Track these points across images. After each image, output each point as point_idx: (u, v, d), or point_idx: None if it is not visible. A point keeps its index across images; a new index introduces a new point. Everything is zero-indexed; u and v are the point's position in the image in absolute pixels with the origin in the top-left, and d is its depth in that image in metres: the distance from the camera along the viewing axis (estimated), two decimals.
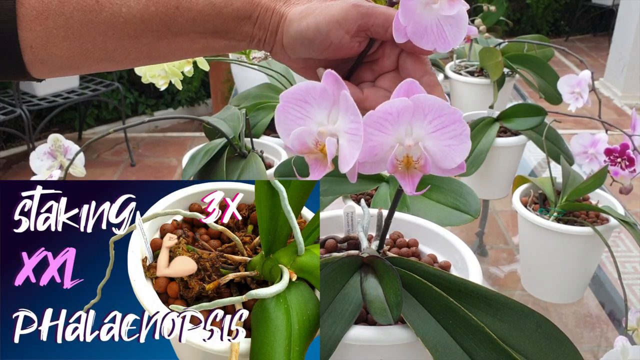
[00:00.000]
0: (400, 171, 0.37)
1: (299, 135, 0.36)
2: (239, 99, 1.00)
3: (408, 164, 0.36)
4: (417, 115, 0.36)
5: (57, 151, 0.72)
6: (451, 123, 0.35)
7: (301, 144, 0.37)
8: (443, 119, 0.35)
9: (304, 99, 0.37)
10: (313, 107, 0.37)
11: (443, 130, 0.35)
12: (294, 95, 0.37)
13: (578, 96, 0.92)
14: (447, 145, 0.35)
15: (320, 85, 0.36)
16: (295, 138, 0.36)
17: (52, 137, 0.72)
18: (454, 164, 0.36)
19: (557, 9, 4.48)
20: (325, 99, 0.37)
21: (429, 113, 0.35)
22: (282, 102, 0.37)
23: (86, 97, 2.39)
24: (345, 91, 0.35)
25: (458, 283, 0.43)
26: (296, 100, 0.37)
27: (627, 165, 0.80)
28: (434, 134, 0.36)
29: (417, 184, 0.36)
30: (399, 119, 0.36)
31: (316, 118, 0.37)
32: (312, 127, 0.37)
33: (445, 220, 0.66)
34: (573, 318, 0.87)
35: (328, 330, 0.42)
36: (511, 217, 1.37)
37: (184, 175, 0.76)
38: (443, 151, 0.36)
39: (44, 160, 0.72)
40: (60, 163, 0.72)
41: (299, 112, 0.37)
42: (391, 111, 0.35)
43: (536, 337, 0.41)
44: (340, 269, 0.45)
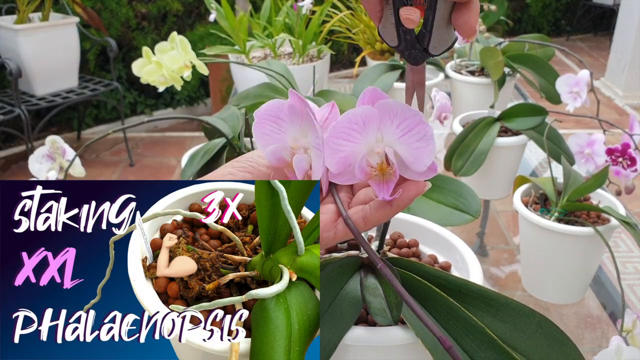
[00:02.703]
0: (375, 178, 0.37)
1: (274, 151, 0.38)
2: (238, 98, 1.00)
3: (382, 170, 0.36)
4: (384, 121, 0.36)
5: (55, 153, 0.72)
6: (416, 125, 0.35)
7: (277, 159, 0.39)
8: (408, 122, 0.35)
9: (276, 115, 0.39)
10: (286, 122, 0.38)
11: (410, 133, 0.35)
12: (267, 112, 0.39)
13: (576, 96, 0.92)
14: (415, 148, 0.36)
15: (288, 103, 0.38)
16: (271, 154, 0.38)
17: (50, 139, 0.72)
18: (424, 166, 0.36)
19: (558, 9, 4.48)
20: (295, 115, 0.38)
21: (395, 117, 0.35)
22: (256, 120, 0.39)
23: (85, 96, 2.39)
24: (308, 107, 0.36)
25: (458, 283, 0.43)
26: (270, 117, 0.39)
27: (628, 165, 0.79)
28: (403, 137, 0.36)
29: (391, 190, 0.36)
30: (366, 127, 0.36)
31: (290, 133, 0.38)
32: (286, 142, 0.38)
33: (445, 220, 0.66)
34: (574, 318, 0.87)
35: (328, 331, 0.41)
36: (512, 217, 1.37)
37: (183, 175, 0.76)
38: (413, 154, 0.36)
39: (43, 163, 0.71)
40: (60, 165, 0.72)
41: (274, 127, 0.39)
42: (356, 120, 0.36)
43: (537, 337, 0.41)
44: (341, 269, 0.45)
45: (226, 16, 1.47)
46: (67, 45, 2.36)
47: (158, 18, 3.03)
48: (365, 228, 0.38)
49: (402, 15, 0.34)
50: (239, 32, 1.46)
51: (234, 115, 0.81)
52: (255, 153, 0.42)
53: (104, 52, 2.82)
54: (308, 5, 1.55)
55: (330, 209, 0.40)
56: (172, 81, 0.82)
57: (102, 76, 2.83)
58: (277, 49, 1.53)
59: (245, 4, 2.32)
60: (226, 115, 0.82)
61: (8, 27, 2.21)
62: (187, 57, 0.82)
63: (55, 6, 2.47)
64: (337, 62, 3.57)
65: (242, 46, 1.49)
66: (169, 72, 0.80)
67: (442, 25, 0.34)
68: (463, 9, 0.33)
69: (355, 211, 0.38)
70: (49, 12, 2.34)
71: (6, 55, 2.26)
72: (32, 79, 2.30)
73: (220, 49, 1.43)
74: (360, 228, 0.38)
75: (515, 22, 4.32)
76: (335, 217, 0.39)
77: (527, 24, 4.40)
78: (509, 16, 4.15)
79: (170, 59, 0.81)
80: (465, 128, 0.99)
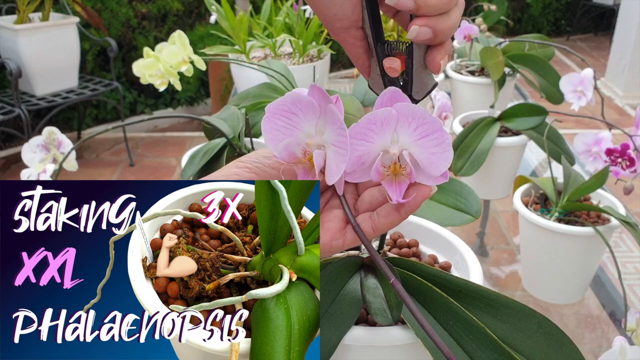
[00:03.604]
0: (387, 179, 0.37)
1: (286, 146, 0.37)
2: (238, 98, 1.00)
3: (395, 171, 0.37)
4: (402, 122, 0.36)
5: (50, 144, 0.71)
6: (434, 131, 0.35)
7: (289, 154, 0.38)
8: (426, 127, 0.36)
9: (290, 110, 0.38)
10: (300, 118, 0.38)
11: (427, 137, 0.36)
12: (281, 106, 0.38)
13: (581, 94, 0.92)
14: (432, 153, 0.36)
15: (307, 98, 0.37)
16: (283, 149, 0.37)
17: (47, 130, 0.71)
18: (438, 172, 0.36)
19: (558, 9, 4.48)
20: (311, 110, 0.37)
21: (413, 121, 0.36)
22: (268, 113, 0.38)
23: (85, 96, 2.39)
24: (332, 105, 0.36)
25: (459, 283, 0.43)
26: (283, 112, 0.38)
27: (627, 166, 0.79)
28: (419, 141, 0.36)
29: (403, 192, 0.36)
30: (383, 128, 0.36)
31: (303, 129, 0.38)
32: (300, 138, 0.38)
33: (446, 220, 0.66)
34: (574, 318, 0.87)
35: (328, 331, 0.41)
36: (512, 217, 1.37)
37: (184, 175, 0.76)
38: (429, 159, 0.36)
39: (37, 153, 0.70)
40: (54, 156, 0.71)
41: (286, 122, 0.38)
42: (375, 120, 0.36)
43: (537, 337, 0.41)
44: (341, 269, 0.45)
45: (226, 16, 1.47)
46: (67, 45, 2.36)
47: (158, 18, 3.03)
48: (374, 235, 0.38)
49: (385, 65, 0.38)
50: (239, 32, 1.46)
51: (234, 115, 0.81)
52: (259, 153, 0.42)
53: (104, 52, 2.82)
54: None
55: (337, 215, 0.40)
56: (169, 76, 0.82)
57: (102, 76, 2.83)
58: (277, 49, 1.53)
59: (245, 4, 2.32)
60: (226, 115, 0.82)
61: (8, 27, 2.21)
62: (185, 52, 0.82)
63: (55, 6, 2.47)
64: (337, 62, 3.57)
65: (242, 46, 1.49)
66: (166, 66, 0.80)
67: (420, 69, 0.38)
68: (433, 49, 0.37)
69: (364, 219, 0.39)
70: (49, 12, 2.34)
71: (6, 55, 2.26)
72: (32, 79, 2.30)
73: (220, 49, 1.43)
74: (369, 236, 0.38)
75: (516, 22, 4.32)
76: (343, 224, 0.39)
77: (527, 24, 4.40)
78: (509, 16, 4.15)
79: (168, 54, 0.81)
80: (466, 128, 0.99)
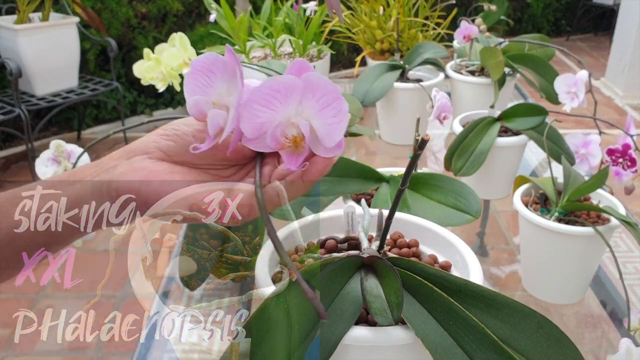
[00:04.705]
0: (287, 149, 0.37)
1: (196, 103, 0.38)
2: None
3: (296, 142, 0.37)
4: (307, 94, 0.36)
5: (60, 156, 0.72)
6: (334, 100, 0.35)
7: (198, 111, 0.38)
8: (328, 96, 0.35)
9: (209, 68, 0.38)
10: (217, 77, 0.38)
11: (328, 108, 0.35)
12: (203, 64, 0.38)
13: (574, 96, 0.92)
14: (329, 123, 0.36)
15: (222, 59, 0.38)
16: (193, 105, 0.38)
17: (54, 144, 0.73)
18: (333, 142, 0.36)
19: (558, 9, 4.48)
20: (226, 71, 0.37)
21: (317, 91, 0.35)
22: (190, 69, 0.39)
23: (85, 96, 2.39)
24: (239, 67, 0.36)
25: (459, 283, 0.43)
26: (204, 70, 0.38)
27: (629, 166, 0.79)
28: (321, 112, 0.36)
29: (300, 162, 0.36)
30: (287, 98, 0.36)
31: (217, 88, 0.38)
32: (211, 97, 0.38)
33: (446, 220, 0.66)
34: (574, 319, 0.87)
35: (328, 331, 0.41)
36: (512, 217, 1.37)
37: None
38: (326, 129, 0.36)
39: (49, 167, 0.72)
40: (65, 168, 0.72)
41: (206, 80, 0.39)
42: (279, 89, 0.35)
43: (537, 337, 0.41)
44: (341, 269, 0.45)
45: (226, 16, 1.47)
46: (67, 45, 2.36)
47: (158, 18, 3.03)
48: (281, 202, 0.39)
49: None
50: (239, 32, 1.46)
51: None
52: (180, 121, 0.42)
53: (104, 52, 2.82)
54: (313, 8, 1.55)
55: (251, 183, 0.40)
56: (170, 78, 0.82)
57: (102, 76, 2.83)
58: (277, 49, 1.53)
59: (245, 4, 2.32)
60: None
61: (8, 27, 2.21)
62: (187, 54, 0.82)
63: (55, 6, 2.47)
64: (337, 62, 3.57)
65: (242, 46, 1.49)
66: (167, 69, 0.80)
67: None
68: None
69: (272, 187, 0.39)
70: (49, 12, 2.34)
71: (6, 55, 2.26)
72: (32, 79, 2.30)
73: (220, 49, 1.43)
74: (275, 202, 0.38)
75: (516, 22, 4.32)
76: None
77: (527, 24, 4.39)
78: (509, 16, 4.15)
79: (169, 56, 0.81)
80: (466, 128, 0.99)
